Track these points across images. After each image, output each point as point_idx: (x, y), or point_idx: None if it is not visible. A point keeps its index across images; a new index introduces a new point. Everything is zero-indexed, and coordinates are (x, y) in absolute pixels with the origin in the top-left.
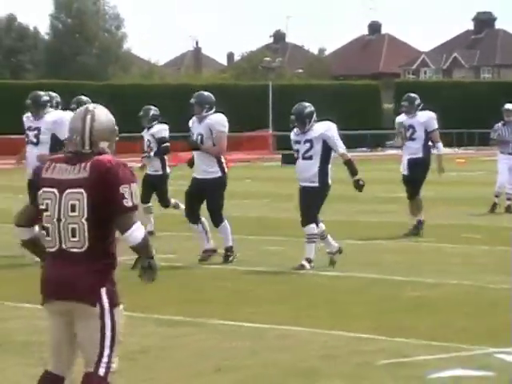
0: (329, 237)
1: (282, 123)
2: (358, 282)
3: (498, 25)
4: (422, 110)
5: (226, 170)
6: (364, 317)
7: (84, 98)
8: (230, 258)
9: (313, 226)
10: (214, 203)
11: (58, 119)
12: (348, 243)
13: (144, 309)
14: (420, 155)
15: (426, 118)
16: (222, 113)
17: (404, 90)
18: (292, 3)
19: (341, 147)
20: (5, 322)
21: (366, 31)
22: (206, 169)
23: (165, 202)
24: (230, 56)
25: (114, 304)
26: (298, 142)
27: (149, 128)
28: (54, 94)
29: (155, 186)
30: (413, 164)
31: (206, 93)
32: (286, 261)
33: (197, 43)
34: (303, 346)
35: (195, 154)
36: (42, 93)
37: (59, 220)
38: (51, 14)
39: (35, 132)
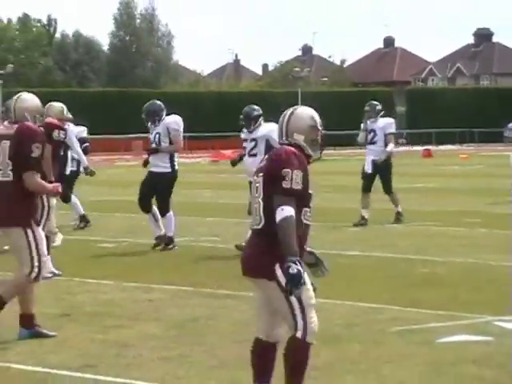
0: None
1: None
2: (375, 260)
3: (494, 39)
4: (383, 116)
5: (176, 166)
6: (380, 290)
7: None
8: (170, 246)
9: None
10: (162, 195)
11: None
12: (366, 228)
13: (193, 284)
14: (382, 157)
15: (384, 123)
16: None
17: (414, 95)
18: (318, 21)
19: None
20: (73, 296)
21: (381, 45)
22: (159, 164)
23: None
24: (265, 67)
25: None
26: (245, 140)
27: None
28: None
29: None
30: (377, 165)
31: (157, 102)
32: (314, 242)
33: (236, 56)
34: (327, 316)
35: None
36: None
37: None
38: (111, 32)
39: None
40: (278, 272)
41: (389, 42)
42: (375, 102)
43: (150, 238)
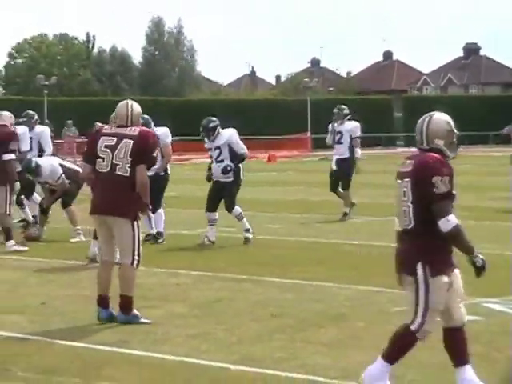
0: (244, 219)
1: (318, 128)
2: (377, 249)
3: (481, 52)
4: (350, 120)
5: (168, 171)
6: (381, 275)
7: (31, 112)
8: (159, 241)
9: (237, 207)
10: (154, 194)
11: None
12: (372, 219)
13: (216, 270)
14: (347, 155)
15: (351, 126)
16: (273, 121)
17: (410, 102)
18: (325, 37)
19: (242, 148)
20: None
21: (380, 58)
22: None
23: None
24: (278, 77)
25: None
26: (210, 149)
27: None
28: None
29: None
30: (341, 162)
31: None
32: (321, 233)
33: (252, 68)
34: (333, 298)
35: None
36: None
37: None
38: (143, 47)
39: None
40: (419, 271)
41: (387, 55)
42: (343, 107)
43: (176, 229)
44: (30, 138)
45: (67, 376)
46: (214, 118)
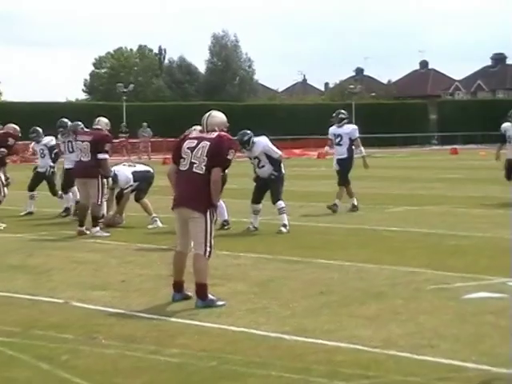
0: (284, 215)
1: (362, 128)
2: (413, 234)
3: (508, 61)
4: (348, 123)
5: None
6: (417, 257)
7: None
8: (226, 227)
9: (281, 202)
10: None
11: None
12: (406, 209)
13: (272, 252)
14: (346, 156)
15: (350, 129)
16: (322, 123)
17: (444, 106)
18: (369, 48)
19: (276, 152)
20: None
21: (418, 67)
22: None
23: None
24: (326, 84)
25: None
26: (250, 158)
27: None
28: None
29: None
30: (341, 162)
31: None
32: (363, 220)
33: (304, 76)
34: (374, 277)
35: None
36: None
37: None
38: (207, 59)
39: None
40: None
41: (423, 64)
42: (342, 111)
43: (237, 217)
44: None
45: (144, 344)
46: (248, 131)
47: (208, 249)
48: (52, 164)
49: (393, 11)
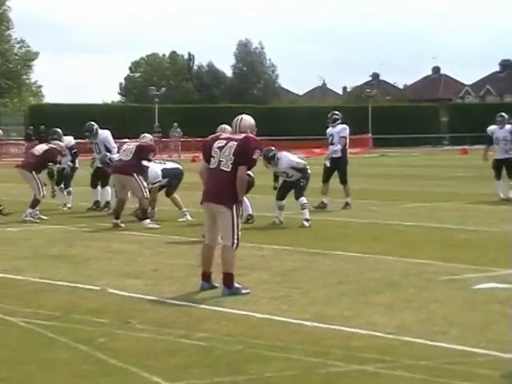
0: (306, 210)
1: (377, 130)
2: (425, 229)
3: None
4: (341, 123)
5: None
6: (428, 250)
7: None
8: (250, 221)
9: (303, 198)
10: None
11: None
12: (418, 205)
13: (293, 245)
14: (339, 155)
15: (340, 128)
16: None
17: (454, 109)
18: (384, 54)
19: (299, 163)
20: None
21: (430, 72)
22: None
23: None
24: (344, 88)
25: None
26: (277, 173)
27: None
28: None
29: None
30: (335, 161)
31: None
32: (378, 215)
33: (324, 80)
34: (389, 268)
35: None
36: None
37: None
38: (233, 65)
39: None
40: None
41: (436, 70)
42: (336, 112)
43: (261, 212)
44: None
45: (175, 328)
46: (272, 148)
47: (235, 241)
48: (70, 163)
49: (407, 21)
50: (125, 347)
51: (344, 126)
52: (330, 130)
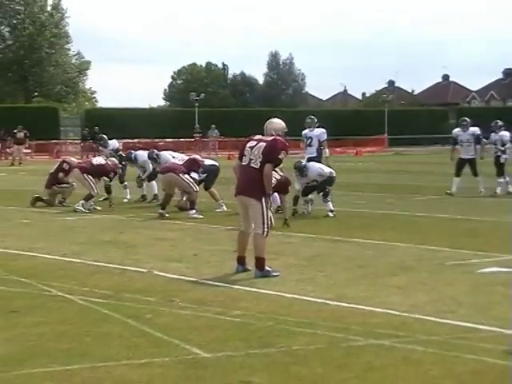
0: (330, 203)
1: (393, 131)
2: (436, 219)
3: None
4: (318, 127)
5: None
6: (439, 238)
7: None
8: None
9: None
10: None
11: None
12: (430, 197)
13: (318, 233)
14: (315, 155)
15: (319, 132)
16: (359, 125)
17: (462, 112)
18: (399, 63)
19: (325, 174)
20: None
21: (440, 79)
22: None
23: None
24: (364, 94)
25: None
26: (308, 183)
27: None
28: None
29: None
30: (310, 161)
31: None
32: (393, 207)
33: (345, 87)
34: (403, 254)
35: None
36: None
37: None
38: (265, 73)
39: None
40: None
41: (445, 77)
42: (312, 116)
43: (288, 204)
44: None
45: (213, 306)
46: (301, 160)
47: (265, 229)
48: (119, 165)
49: (420, 34)
50: (169, 322)
51: (322, 130)
52: (307, 133)
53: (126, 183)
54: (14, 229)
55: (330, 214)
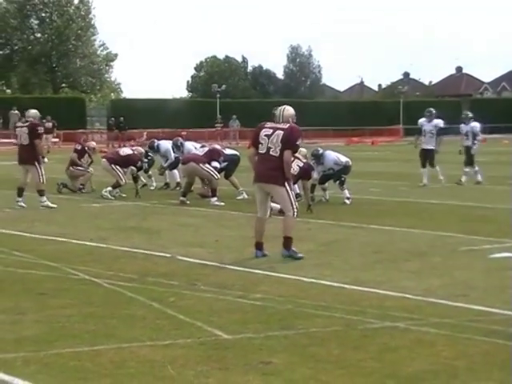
0: (346, 190)
1: (408, 121)
2: (449, 206)
3: None
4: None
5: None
6: (452, 224)
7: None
8: (299, 199)
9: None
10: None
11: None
12: (443, 185)
13: (335, 219)
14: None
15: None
16: (375, 116)
17: (475, 103)
18: (413, 55)
19: (341, 162)
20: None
21: (454, 71)
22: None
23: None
24: (380, 85)
25: None
26: (325, 171)
27: None
28: None
29: None
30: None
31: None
32: (407, 194)
33: (362, 79)
34: (417, 240)
35: None
36: None
37: None
38: (284, 65)
39: None
40: None
41: (459, 69)
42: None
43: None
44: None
45: (234, 290)
46: (318, 148)
47: (295, 210)
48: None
49: (434, 27)
50: (191, 305)
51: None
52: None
53: (150, 173)
54: (41, 215)
55: (347, 202)
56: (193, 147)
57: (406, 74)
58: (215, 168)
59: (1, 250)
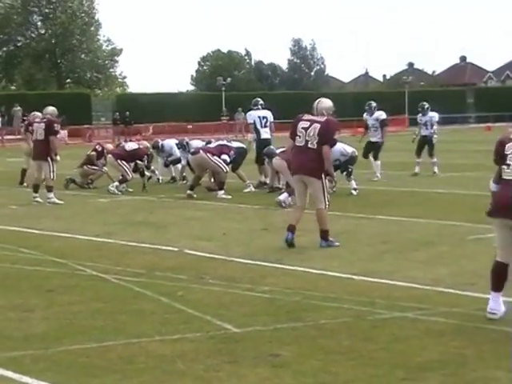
0: (353, 181)
1: (412, 111)
2: (456, 195)
3: None
4: (263, 109)
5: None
6: (459, 213)
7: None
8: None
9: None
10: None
11: None
12: (450, 175)
13: (342, 210)
14: (268, 136)
15: (269, 113)
16: (381, 106)
17: (479, 92)
18: (417, 46)
19: (347, 153)
20: (270, 218)
21: (458, 61)
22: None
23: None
24: (384, 76)
25: None
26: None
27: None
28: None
29: None
30: (264, 141)
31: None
32: (414, 184)
33: (366, 69)
34: (425, 229)
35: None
36: None
37: None
38: (288, 59)
39: None
40: None
41: (463, 59)
42: (258, 99)
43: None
44: None
45: (242, 283)
46: None
47: (326, 202)
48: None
49: (438, 17)
50: (200, 299)
51: (268, 112)
52: (264, 113)
53: (152, 167)
54: (48, 211)
55: (354, 192)
56: (200, 144)
57: (411, 64)
58: (224, 161)
59: (8, 247)
